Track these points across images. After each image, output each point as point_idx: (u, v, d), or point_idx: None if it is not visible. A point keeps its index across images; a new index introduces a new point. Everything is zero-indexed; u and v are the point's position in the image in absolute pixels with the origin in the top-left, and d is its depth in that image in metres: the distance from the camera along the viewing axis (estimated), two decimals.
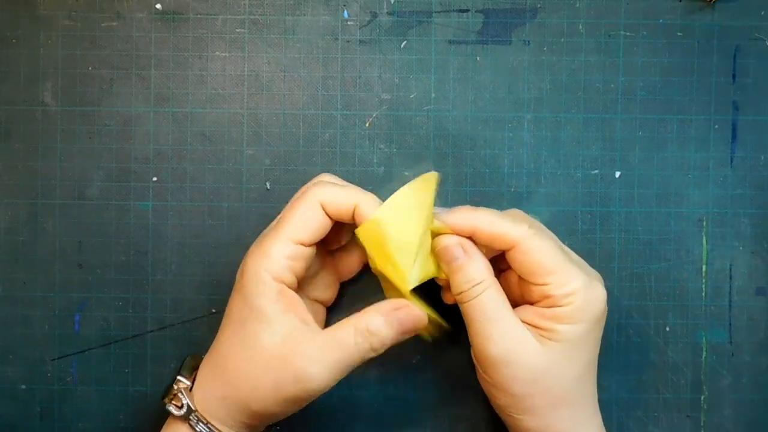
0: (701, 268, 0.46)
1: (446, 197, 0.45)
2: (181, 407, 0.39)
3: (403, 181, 0.46)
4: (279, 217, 0.40)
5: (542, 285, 0.38)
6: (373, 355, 0.38)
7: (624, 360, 0.46)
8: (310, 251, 0.39)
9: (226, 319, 0.40)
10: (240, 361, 0.38)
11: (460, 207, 0.40)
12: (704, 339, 0.46)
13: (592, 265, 0.46)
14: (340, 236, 0.42)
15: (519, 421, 0.39)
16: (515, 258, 0.39)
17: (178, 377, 0.40)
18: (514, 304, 0.40)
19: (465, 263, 0.39)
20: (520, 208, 0.45)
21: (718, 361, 0.46)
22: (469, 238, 0.39)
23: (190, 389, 0.39)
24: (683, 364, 0.46)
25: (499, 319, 0.38)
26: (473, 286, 0.38)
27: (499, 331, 0.38)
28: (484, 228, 0.39)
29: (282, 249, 0.38)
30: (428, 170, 0.45)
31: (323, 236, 0.39)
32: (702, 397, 0.46)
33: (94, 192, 0.46)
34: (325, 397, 0.45)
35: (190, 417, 0.38)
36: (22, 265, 0.45)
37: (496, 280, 0.39)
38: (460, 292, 0.39)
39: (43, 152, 0.46)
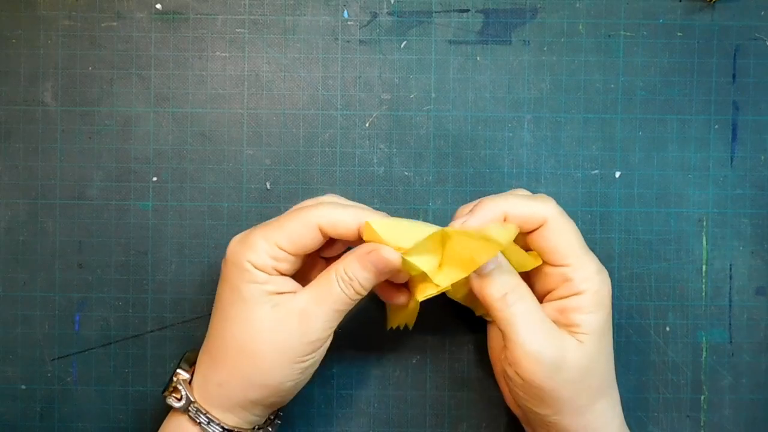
0: (701, 268, 0.46)
1: (446, 197, 0.45)
2: (180, 399, 0.39)
3: (404, 181, 0.46)
4: (276, 218, 0.40)
5: (564, 266, 0.39)
6: (359, 297, 0.38)
7: (624, 360, 0.46)
8: (296, 258, 0.39)
9: (216, 306, 0.40)
10: (235, 341, 0.38)
11: (480, 202, 0.39)
12: (704, 339, 0.46)
13: None
14: (335, 247, 0.42)
15: (556, 422, 0.39)
16: (542, 236, 0.39)
17: (178, 370, 0.40)
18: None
19: (495, 272, 0.38)
20: None
21: (718, 361, 0.46)
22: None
23: (190, 382, 0.40)
24: (683, 364, 0.46)
25: (539, 324, 0.38)
26: (509, 294, 0.38)
27: (542, 338, 0.37)
28: (515, 211, 0.39)
29: (266, 247, 0.38)
30: (428, 170, 0.45)
31: (312, 251, 0.39)
32: (702, 397, 0.46)
33: (94, 192, 0.46)
34: (325, 397, 0.46)
35: (189, 408, 0.39)
36: (22, 265, 0.45)
37: (527, 287, 0.39)
38: (494, 301, 0.38)
39: (43, 152, 0.46)
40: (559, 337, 0.38)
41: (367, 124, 0.46)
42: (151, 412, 0.45)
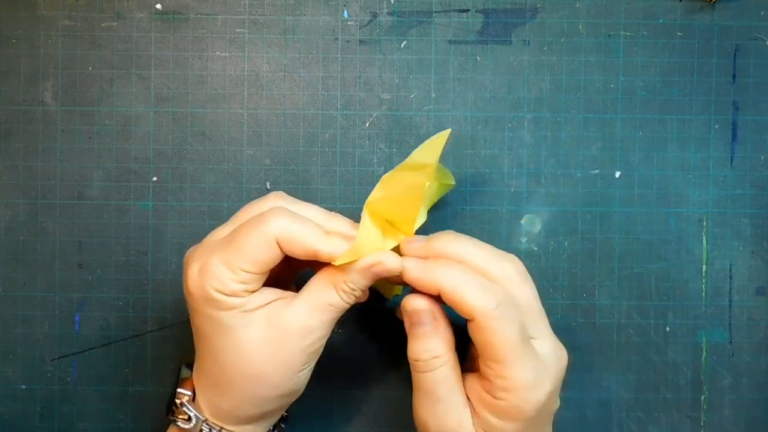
0: (701, 268, 0.46)
1: (446, 197, 0.45)
2: (189, 420, 0.38)
3: None
4: (228, 235, 0.37)
5: (486, 367, 0.36)
6: (356, 301, 0.37)
7: (624, 360, 0.46)
8: (263, 274, 0.37)
9: (198, 339, 0.38)
10: (237, 369, 0.37)
11: (446, 239, 0.38)
12: (704, 339, 0.46)
13: (592, 266, 0.46)
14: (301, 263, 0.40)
15: None
16: (471, 328, 0.36)
17: (179, 390, 0.39)
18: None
19: (430, 333, 0.37)
20: (520, 209, 0.46)
21: (718, 361, 0.46)
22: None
23: (193, 399, 0.39)
24: (683, 364, 0.46)
25: (447, 399, 0.37)
26: (431, 359, 0.37)
27: (442, 411, 0.37)
28: (447, 289, 0.36)
29: (230, 275, 0.36)
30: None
31: (277, 263, 0.37)
32: (702, 397, 0.46)
33: (94, 192, 0.46)
34: (325, 397, 0.46)
35: (201, 427, 0.38)
36: (22, 265, 0.45)
37: (455, 355, 0.38)
38: (417, 360, 0.37)
39: (43, 152, 0.46)
40: (454, 417, 0.37)
41: (367, 124, 0.46)
42: (151, 412, 0.45)
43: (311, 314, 0.37)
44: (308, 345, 0.37)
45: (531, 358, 0.36)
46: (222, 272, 0.36)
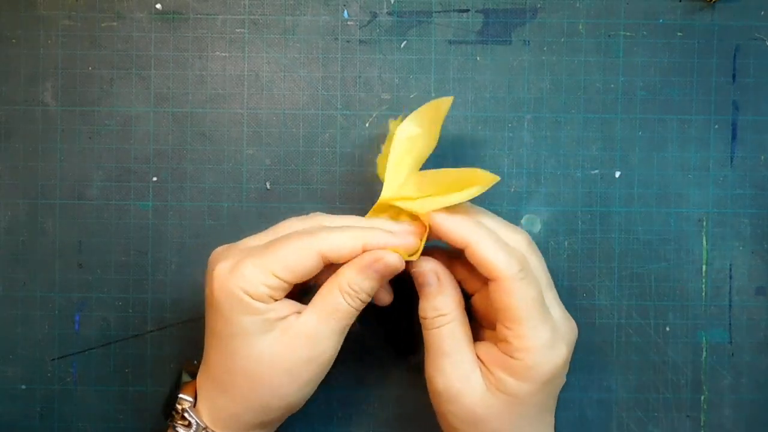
0: (701, 268, 0.46)
1: None
2: (189, 426, 0.38)
3: None
4: (267, 242, 0.38)
5: (505, 327, 0.37)
6: (364, 305, 0.38)
7: (624, 360, 0.46)
8: (291, 286, 0.37)
9: (211, 338, 0.38)
10: (245, 374, 0.37)
11: (464, 208, 0.39)
12: (704, 339, 0.46)
13: (592, 266, 0.46)
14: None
15: None
16: (492, 289, 0.37)
17: (180, 396, 0.39)
18: (489, 324, 0.40)
19: (434, 292, 0.39)
20: (520, 209, 0.46)
21: (718, 361, 0.46)
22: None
23: (194, 405, 0.39)
24: (683, 364, 0.46)
25: (453, 354, 0.38)
26: (437, 316, 0.38)
27: (450, 366, 0.38)
28: (472, 245, 0.37)
29: (262, 278, 0.36)
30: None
31: (309, 278, 0.38)
32: (702, 397, 0.46)
33: (94, 192, 0.46)
34: (325, 397, 0.45)
35: None
36: (22, 265, 0.45)
37: (463, 313, 0.39)
38: (424, 318, 0.39)
39: (43, 152, 0.46)
40: (463, 372, 0.38)
41: (367, 124, 0.46)
42: (151, 412, 0.45)
43: (319, 322, 0.37)
44: (318, 355, 0.37)
45: (549, 320, 0.38)
46: (254, 275, 0.36)
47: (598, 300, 0.46)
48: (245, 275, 0.36)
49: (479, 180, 0.38)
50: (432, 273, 0.39)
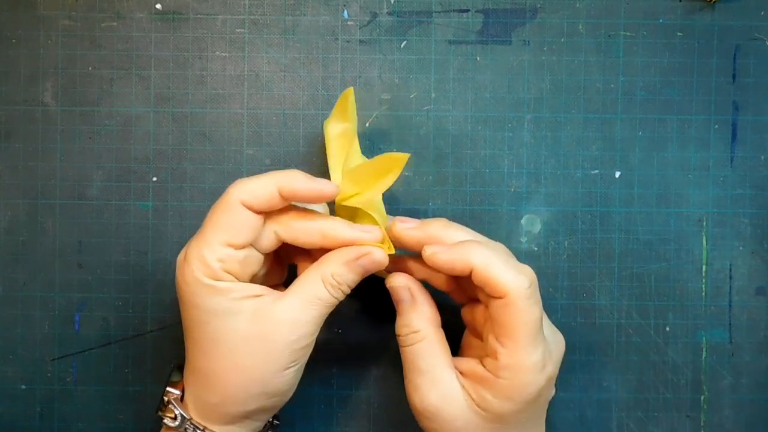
0: (701, 268, 0.46)
1: (446, 197, 0.45)
2: (174, 418, 0.38)
3: (404, 181, 0.46)
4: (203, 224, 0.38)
5: (499, 344, 0.37)
6: (345, 296, 0.38)
7: (624, 360, 0.46)
8: (247, 253, 0.37)
9: (187, 331, 0.38)
10: (223, 361, 0.37)
11: (431, 225, 0.39)
12: (704, 339, 0.46)
13: (592, 266, 0.46)
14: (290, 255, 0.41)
15: None
16: (497, 305, 0.36)
17: (168, 389, 0.39)
18: (476, 334, 0.40)
19: (408, 308, 0.39)
20: (520, 209, 0.46)
21: (718, 361, 0.46)
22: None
23: (181, 398, 0.39)
24: (683, 364, 0.46)
25: (429, 371, 0.38)
26: (410, 333, 0.38)
27: (426, 384, 0.38)
28: (479, 268, 0.36)
29: (210, 254, 0.36)
30: (428, 170, 0.45)
31: (255, 236, 0.37)
32: (702, 397, 0.46)
33: (94, 192, 0.46)
34: (325, 396, 0.46)
35: (186, 426, 0.38)
36: (22, 265, 0.45)
37: (438, 330, 0.39)
38: (398, 335, 0.39)
39: (43, 152, 0.46)
40: (442, 389, 0.37)
41: (367, 124, 0.46)
42: (151, 412, 0.45)
43: (300, 308, 0.37)
44: (295, 340, 0.37)
45: (543, 342, 0.37)
46: (202, 254, 0.36)
47: (598, 300, 0.46)
48: (196, 259, 0.36)
49: (394, 163, 0.38)
50: (405, 289, 0.39)
